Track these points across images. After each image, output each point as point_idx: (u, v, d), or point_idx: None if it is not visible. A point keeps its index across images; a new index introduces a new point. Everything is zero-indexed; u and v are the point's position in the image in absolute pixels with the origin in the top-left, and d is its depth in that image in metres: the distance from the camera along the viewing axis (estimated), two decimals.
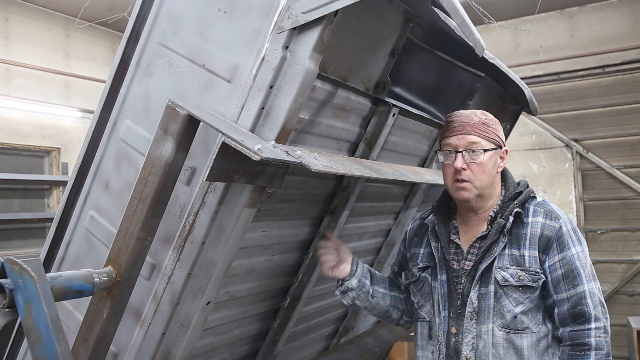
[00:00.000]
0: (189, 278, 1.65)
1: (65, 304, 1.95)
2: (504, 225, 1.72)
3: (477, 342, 1.70)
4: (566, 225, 1.73)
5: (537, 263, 1.70)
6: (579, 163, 6.75)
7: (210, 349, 2.08)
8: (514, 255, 1.71)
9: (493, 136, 1.77)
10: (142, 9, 1.80)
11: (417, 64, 2.29)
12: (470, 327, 1.72)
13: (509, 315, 1.68)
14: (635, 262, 6.51)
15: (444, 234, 1.85)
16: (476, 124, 1.77)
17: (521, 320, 1.68)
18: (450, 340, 1.76)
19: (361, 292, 1.93)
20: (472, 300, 1.72)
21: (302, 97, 1.52)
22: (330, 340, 3.07)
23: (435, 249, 1.86)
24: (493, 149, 1.76)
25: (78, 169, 1.93)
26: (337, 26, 1.53)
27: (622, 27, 6.59)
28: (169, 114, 1.42)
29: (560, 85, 6.82)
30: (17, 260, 1.26)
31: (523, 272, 1.69)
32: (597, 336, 1.64)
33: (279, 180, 1.64)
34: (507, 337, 1.68)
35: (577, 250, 1.70)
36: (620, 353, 6.43)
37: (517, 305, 1.68)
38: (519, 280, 1.68)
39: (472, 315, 1.72)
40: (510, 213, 1.73)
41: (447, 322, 1.77)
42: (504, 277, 1.69)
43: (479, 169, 1.74)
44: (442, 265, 1.83)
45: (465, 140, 1.75)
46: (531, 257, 1.70)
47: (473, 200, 1.77)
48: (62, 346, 1.22)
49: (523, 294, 1.68)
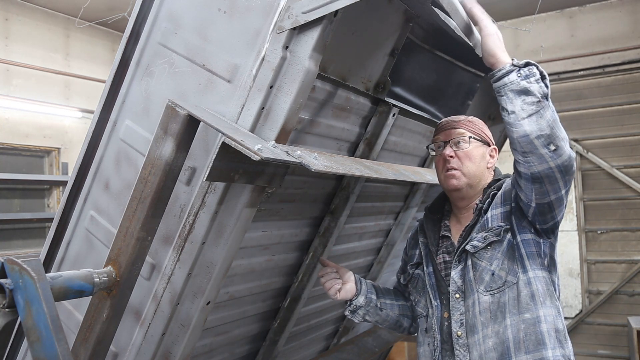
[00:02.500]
0: (189, 278, 1.66)
1: (65, 304, 1.95)
2: (481, 207, 1.78)
3: (465, 317, 1.73)
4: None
5: (499, 219, 1.72)
6: (579, 163, 6.75)
7: (210, 349, 2.08)
8: (482, 224, 1.75)
9: (479, 131, 1.86)
10: (142, 9, 1.80)
11: (417, 64, 2.29)
12: (456, 305, 1.75)
13: (487, 276, 1.70)
14: (635, 262, 6.50)
15: (431, 228, 1.91)
16: (462, 120, 1.88)
17: (499, 275, 1.69)
18: (444, 325, 1.79)
19: (370, 308, 1.97)
20: (455, 280, 1.76)
21: (302, 97, 1.52)
22: (330, 340, 3.07)
23: (423, 244, 1.92)
24: (478, 140, 1.84)
25: (78, 169, 1.93)
26: (337, 26, 1.53)
27: (622, 27, 6.59)
28: (169, 114, 1.42)
29: (560, 85, 6.81)
30: (17, 260, 1.26)
31: (487, 232, 1.72)
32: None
33: (279, 180, 1.64)
34: (492, 300, 1.69)
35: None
36: (620, 353, 6.43)
37: (492, 262, 1.70)
38: (484, 241, 1.71)
39: (457, 293, 1.76)
40: (488, 197, 1.79)
41: (440, 310, 1.81)
42: (473, 245, 1.73)
43: (465, 156, 1.81)
44: (428, 258, 1.89)
45: (452, 132, 1.85)
46: (493, 216, 1.74)
47: (464, 190, 1.81)
48: (62, 346, 1.22)
49: (493, 251, 1.71)
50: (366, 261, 2.90)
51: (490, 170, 1.88)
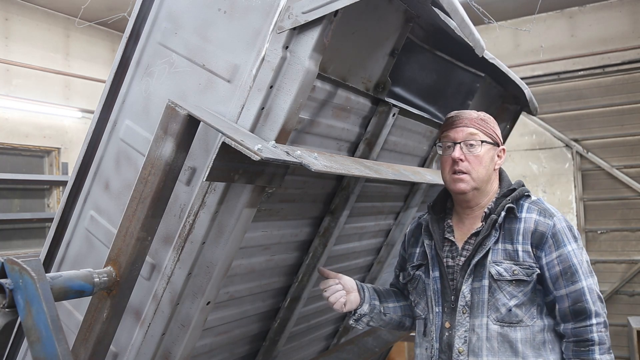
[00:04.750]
0: (189, 278, 1.65)
1: (65, 304, 1.95)
2: (495, 220, 1.74)
3: (470, 335, 1.71)
4: (560, 222, 1.74)
5: (530, 257, 1.71)
6: (579, 163, 6.75)
7: (210, 349, 2.08)
8: (507, 250, 1.73)
9: (490, 132, 1.80)
10: (142, 9, 1.80)
11: (417, 64, 2.29)
12: (462, 321, 1.73)
13: (503, 309, 1.69)
14: (635, 262, 6.50)
15: (437, 231, 1.86)
16: (475, 118, 1.80)
17: (515, 313, 1.69)
18: (444, 334, 1.77)
19: (374, 314, 1.94)
20: (464, 294, 1.73)
21: (302, 97, 1.52)
22: (330, 340, 3.07)
23: (429, 247, 1.87)
24: (490, 143, 1.79)
25: (78, 169, 1.93)
26: (337, 26, 1.53)
27: (622, 27, 6.59)
28: (169, 114, 1.42)
29: (560, 85, 6.81)
30: (17, 260, 1.26)
31: (517, 266, 1.70)
32: (598, 331, 1.66)
33: (279, 180, 1.64)
34: (502, 331, 1.69)
35: (573, 247, 1.72)
36: (620, 353, 6.42)
37: (512, 298, 1.69)
38: (513, 275, 1.70)
39: (464, 309, 1.73)
40: (503, 208, 1.75)
41: (441, 317, 1.79)
42: (498, 271, 1.70)
43: (476, 160, 1.76)
44: (434, 262, 1.85)
45: (463, 132, 1.77)
46: (524, 251, 1.71)
47: (470, 193, 1.78)
48: (62, 346, 1.22)
49: (517, 288, 1.69)
50: (366, 261, 2.90)
51: (495, 172, 1.84)
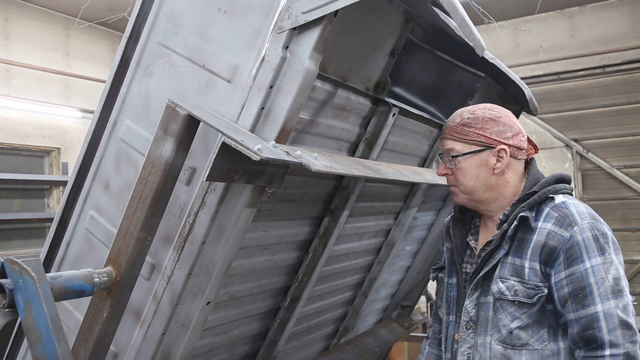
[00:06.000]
0: (189, 278, 1.65)
1: (65, 304, 1.95)
2: (506, 230, 1.58)
3: (473, 353, 1.63)
4: (583, 233, 1.50)
5: (537, 276, 1.53)
6: (579, 163, 6.75)
7: (210, 349, 2.08)
8: (515, 264, 1.57)
9: (474, 137, 1.62)
10: (142, 9, 1.80)
11: (417, 64, 2.29)
12: (466, 337, 1.65)
13: (504, 330, 1.56)
14: (635, 262, 6.51)
15: (458, 235, 1.75)
16: (455, 126, 1.65)
17: (518, 336, 1.54)
18: (453, 346, 1.70)
19: None
20: (468, 310, 1.64)
21: (302, 97, 1.52)
22: (330, 340, 3.07)
23: (448, 250, 1.78)
24: (475, 152, 1.62)
25: (78, 169, 1.92)
26: (337, 26, 1.53)
27: (622, 27, 6.59)
28: (169, 114, 1.42)
29: (560, 85, 6.82)
30: (17, 260, 1.26)
31: (521, 285, 1.54)
32: None
33: (279, 180, 1.64)
34: (505, 353, 1.56)
35: (595, 263, 1.47)
36: None
37: (513, 320, 1.55)
38: (514, 295, 1.55)
39: (468, 324, 1.64)
40: (515, 218, 1.57)
41: (453, 327, 1.72)
42: (500, 289, 1.57)
43: (459, 173, 1.65)
44: (452, 268, 1.76)
45: (444, 146, 1.69)
46: (531, 269, 1.54)
47: (469, 204, 1.70)
48: (62, 346, 1.22)
49: (519, 309, 1.55)
50: (366, 261, 2.90)
51: (503, 174, 1.65)
